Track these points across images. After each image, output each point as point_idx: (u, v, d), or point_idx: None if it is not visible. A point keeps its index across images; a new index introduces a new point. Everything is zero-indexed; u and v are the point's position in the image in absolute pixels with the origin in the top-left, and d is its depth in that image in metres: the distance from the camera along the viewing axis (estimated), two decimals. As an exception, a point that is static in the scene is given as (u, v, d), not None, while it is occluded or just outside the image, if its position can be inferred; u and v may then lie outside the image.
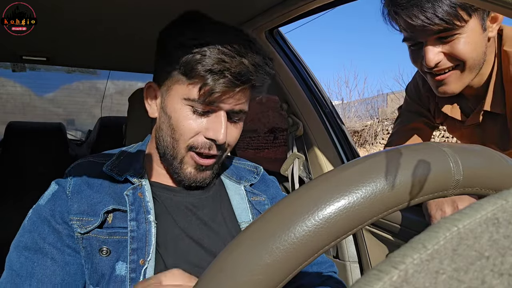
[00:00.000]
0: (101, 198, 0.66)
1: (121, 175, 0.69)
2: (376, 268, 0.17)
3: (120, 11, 1.11)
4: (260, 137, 1.98)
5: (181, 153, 0.68)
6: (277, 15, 1.08)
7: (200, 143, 0.67)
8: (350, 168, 0.29)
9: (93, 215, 0.64)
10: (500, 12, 0.50)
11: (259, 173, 0.86)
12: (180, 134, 0.66)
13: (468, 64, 0.82)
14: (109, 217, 0.65)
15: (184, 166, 0.69)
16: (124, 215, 0.66)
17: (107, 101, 3.21)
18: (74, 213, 0.64)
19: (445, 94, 0.88)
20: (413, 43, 0.86)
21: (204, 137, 0.67)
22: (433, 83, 0.88)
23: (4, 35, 1.15)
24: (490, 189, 0.32)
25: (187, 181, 0.70)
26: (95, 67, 2.44)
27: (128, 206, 0.66)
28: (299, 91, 1.26)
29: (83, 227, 0.63)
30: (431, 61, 0.81)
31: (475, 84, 0.89)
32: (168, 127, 0.68)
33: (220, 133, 0.65)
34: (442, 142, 0.32)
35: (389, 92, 13.07)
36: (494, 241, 0.17)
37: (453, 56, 0.81)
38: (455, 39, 0.80)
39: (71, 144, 2.38)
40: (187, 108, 0.66)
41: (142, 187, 0.69)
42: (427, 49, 0.81)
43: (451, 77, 0.84)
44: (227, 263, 0.26)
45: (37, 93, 3.13)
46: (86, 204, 0.65)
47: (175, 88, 0.66)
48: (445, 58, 0.82)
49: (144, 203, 0.67)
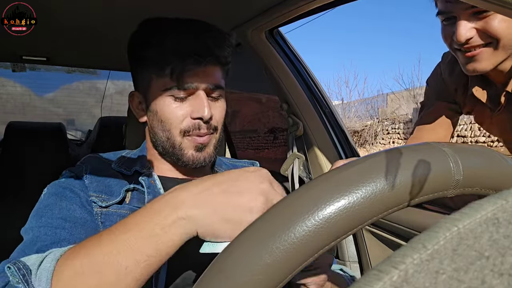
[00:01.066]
0: (117, 181, 0.69)
1: (130, 170, 0.73)
2: (376, 268, 0.17)
3: (120, 11, 1.11)
4: (260, 137, 1.98)
5: (177, 140, 0.72)
6: (277, 15, 1.08)
7: (190, 126, 0.71)
8: (350, 168, 0.29)
9: (111, 194, 0.67)
10: (500, 12, 0.50)
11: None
12: (170, 123, 0.71)
13: (502, 42, 0.79)
14: (127, 196, 0.68)
15: (184, 151, 0.72)
16: (141, 197, 0.69)
17: (107, 101, 3.21)
18: (93, 191, 0.66)
19: (475, 71, 0.84)
20: (446, 16, 0.83)
21: (191, 118, 0.71)
22: (463, 60, 0.85)
23: (4, 35, 1.15)
24: (490, 189, 0.32)
25: (191, 163, 0.73)
26: (95, 67, 2.44)
27: (145, 188, 0.69)
28: (299, 91, 1.26)
29: (104, 201, 0.65)
30: (462, 36, 0.79)
31: (505, 68, 0.86)
32: (157, 122, 0.72)
33: (203, 109, 0.69)
34: (442, 142, 0.32)
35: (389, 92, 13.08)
36: (494, 241, 0.17)
37: (487, 32, 0.79)
38: (491, 15, 0.77)
39: (71, 144, 2.38)
40: (168, 98, 0.70)
41: (152, 176, 0.73)
42: (459, 24, 0.79)
43: (482, 54, 0.82)
44: (227, 263, 0.26)
45: (37, 93, 3.13)
46: (103, 185, 0.68)
47: (153, 85, 0.71)
48: (477, 34, 0.80)
49: (157, 189, 0.70)
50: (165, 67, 0.68)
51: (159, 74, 0.70)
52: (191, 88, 0.69)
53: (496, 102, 0.94)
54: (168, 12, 0.80)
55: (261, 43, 1.24)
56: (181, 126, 0.71)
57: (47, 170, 1.83)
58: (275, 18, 1.10)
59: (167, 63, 0.68)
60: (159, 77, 0.70)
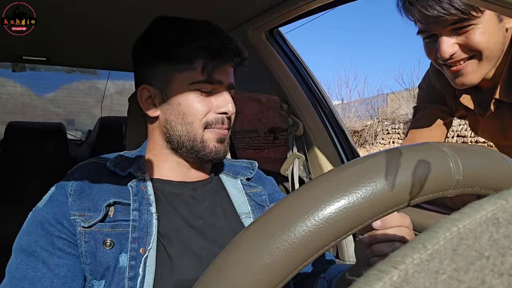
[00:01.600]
0: (102, 194, 0.68)
1: (124, 171, 0.72)
2: (376, 268, 0.17)
3: (121, 11, 1.11)
4: (260, 137, 1.98)
5: (199, 133, 0.73)
6: (277, 15, 1.08)
7: (213, 120, 0.73)
8: (350, 168, 0.29)
9: (95, 211, 0.66)
10: (500, 12, 0.50)
11: (254, 168, 0.89)
12: (193, 116, 0.72)
13: (485, 54, 0.81)
14: (110, 210, 0.67)
15: (206, 144, 0.74)
16: (125, 208, 0.68)
17: (107, 101, 3.21)
18: (76, 209, 0.65)
19: (463, 85, 0.86)
20: (427, 35, 0.85)
21: (215, 113, 0.73)
22: (450, 75, 0.86)
23: (4, 35, 1.15)
24: (490, 189, 0.32)
25: (213, 154, 0.75)
26: (95, 67, 2.44)
27: (131, 197, 0.68)
28: (299, 91, 1.26)
29: (86, 221, 0.64)
30: (446, 52, 0.81)
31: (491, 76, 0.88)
32: (177, 115, 0.73)
33: (229, 105, 0.73)
34: (442, 142, 0.32)
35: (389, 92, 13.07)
36: (494, 241, 0.17)
37: (469, 47, 0.80)
38: (470, 30, 0.79)
39: (71, 144, 2.38)
40: (194, 92, 0.72)
41: (145, 181, 0.72)
42: (441, 41, 0.81)
43: (467, 67, 0.83)
44: (227, 264, 0.26)
45: (37, 93, 3.13)
46: (88, 201, 0.66)
47: (177, 79, 0.72)
48: (460, 49, 0.81)
49: (146, 196, 0.69)
50: (196, 61, 0.71)
51: (186, 68, 0.71)
52: (218, 84, 0.72)
53: (484, 108, 0.96)
54: (169, 11, 0.80)
55: (261, 43, 1.24)
56: (205, 119, 0.73)
57: (47, 170, 1.83)
58: (275, 18, 1.10)
59: (198, 57, 0.71)
60: (185, 71, 0.71)
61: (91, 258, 0.63)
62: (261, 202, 0.81)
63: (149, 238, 0.65)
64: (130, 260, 0.63)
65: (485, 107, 0.95)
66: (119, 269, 0.62)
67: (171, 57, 0.72)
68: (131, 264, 0.62)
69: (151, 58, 0.75)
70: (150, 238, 0.65)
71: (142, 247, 0.64)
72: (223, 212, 0.76)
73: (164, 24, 0.76)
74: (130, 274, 0.62)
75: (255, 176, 0.87)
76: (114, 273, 0.62)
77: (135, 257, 0.63)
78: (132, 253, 0.63)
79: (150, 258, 0.64)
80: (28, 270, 0.62)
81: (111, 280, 0.62)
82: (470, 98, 0.97)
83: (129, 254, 0.63)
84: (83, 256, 0.64)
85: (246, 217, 0.76)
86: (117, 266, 0.63)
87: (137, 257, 0.63)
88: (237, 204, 0.78)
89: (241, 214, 0.76)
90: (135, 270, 0.62)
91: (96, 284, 0.63)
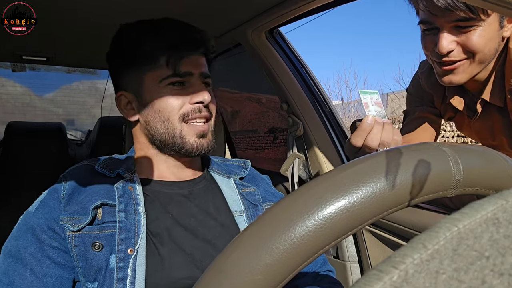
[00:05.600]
0: (91, 196, 0.68)
1: (113, 172, 0.72)
2: (376, 268, 0.17)
3: (121, 11, 1.11)
4: (260, 137, 1.97)
5: (177, 128, 0.73)
6: (277, 15, 1.08)
7: (189, 110, 0.73)
8: (350, 168, 0.29)
9: (83, 214, 0.66)
10: (501, 12, 0.50)
11: (247, 167, 0.89)
12: (169, 112, 0.72)
13: (478, 57, 0.81)
14: (98, 213, 0.67)
15: (186, 139, 0.73)
16: (112, 210, 0.68)
17: (107, 101, 3.21)
18: (65, 214, 0.65)
19: (450, 84, 0.86)
20: (429, 27, 0.84)
21: (190, 104, 0.73)
22: (440, 72, 0.87)
23: (4, 35, 1.15)
24: (490, 189, 0.32)
25: (195, 150, 0.74)
26: (95, 67, 2.44)
27: (117, 198, 0.68)
28: (299, 91, 1.26)
29: (75, 225, 0.65)
30: (445, 48, 0.80)
31: (480, 78, 0.88)
32: (154, 114, 0.73)
33: (204, 93, 0.73)
34: (442, 142, 0.32)
35: (389, 92, 13.07)
36: (494, 241, 0.17)
37: (466, 47, 0.80)
38: (472, 31, 0.79)
39: (71, 144, 2.38)
40: (166, 88, 0.73)
41: (133, 181, 0.72)
42: (442, 36, 0.80)
43: (459, 67, 0.83)
44: (226, 264, 0.26)
45: (37, 93, 3.13)
46: (77, 204, 0.67)
47: (147, 80, 0.74)
48: (458, 48, 0.81)
49: (134, 196, 0.70)
50: (159, 58, 0.72)
51: (153, 67, 0.72)
52: (187, 74, 0.73)
53: (472, 110, 0.96)
54: (168, 11, 0.80)
55: (261, 43, 1.24)
56: (181, 112, 0.72)
57: (47, 170, 1.83)
58: (275, 18, 1.10)
59: (161, 54, 0.72)
60: (153, 70, 0.73)
61: (82, 261, 0.64)
62: (254, 201, 0.81)
63: (137, 237, 0.65)
64: (118, 262, 0.63)
65: (473, 109, 0.96)
66: (110, 270, 0.63)
67: (136, 60, 0.74)
68: (119, 265, 0.63)
69: (121, 66, 0.77)
70: (138, 237, 0.65)
71: (130, 248, 0.64)
72: (216, 210, 0.76)
73: (126, 30, 0.78)
74: (118, 276, 0.62)
75: (249, 176, 0.87)
76: (106, 274, 0.63)
77: (123, 258, 0.63)
78: (120, 255, 0.63)
79: (139, 258, 0.64)
80: (15, 277, 0.62)
81: (103, 281, 0.63)
82: (460, 100, 0.97)
83: (117, 256, 0.63)
84: (75, 259, 0.64)
85: (239, 215, 0.76)
86: (108, 267, 0.63)
87: (125, 258, 0.63)
88: (230, 202, 0.78)
89: (234, 211, 0.76)
90: (123, 271, 0.62)
91: (90, 286, 0.64)
